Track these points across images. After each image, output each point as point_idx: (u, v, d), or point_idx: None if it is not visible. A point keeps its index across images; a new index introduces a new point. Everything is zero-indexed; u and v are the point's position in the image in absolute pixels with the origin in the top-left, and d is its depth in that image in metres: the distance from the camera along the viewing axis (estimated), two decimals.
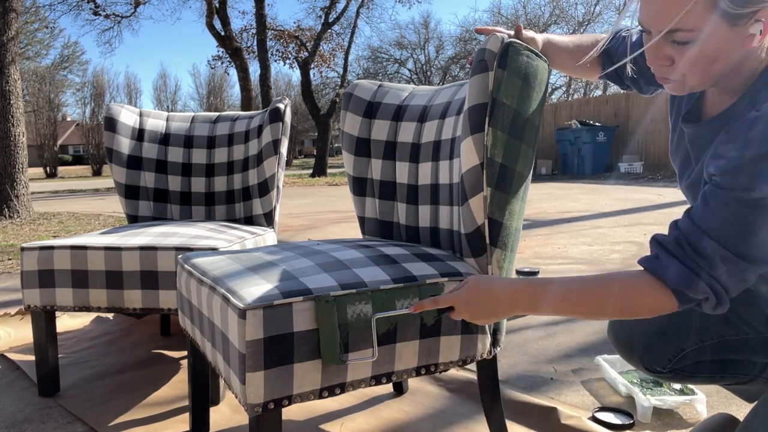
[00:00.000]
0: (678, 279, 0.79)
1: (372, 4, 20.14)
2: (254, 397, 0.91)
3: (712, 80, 0.85)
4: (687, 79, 0.84)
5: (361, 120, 1.52)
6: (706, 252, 0.78)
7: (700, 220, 0.79)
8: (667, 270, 0.80)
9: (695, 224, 0.79)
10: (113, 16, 15.56)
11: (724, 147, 0.79)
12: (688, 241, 0.79)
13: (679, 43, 0.81)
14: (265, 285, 0.97)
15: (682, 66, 0.83)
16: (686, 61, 0.82)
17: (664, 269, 0.81)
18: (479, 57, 1.06)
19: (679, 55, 0.82)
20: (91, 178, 21.60)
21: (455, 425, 1.42)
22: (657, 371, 1.09)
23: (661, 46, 0.83)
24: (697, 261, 0.78)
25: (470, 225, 1.10)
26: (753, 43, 0.79)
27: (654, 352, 1.08)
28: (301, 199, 8.20)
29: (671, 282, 0.80)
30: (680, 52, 0.81)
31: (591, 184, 9.66)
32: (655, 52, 0.84)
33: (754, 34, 0.78)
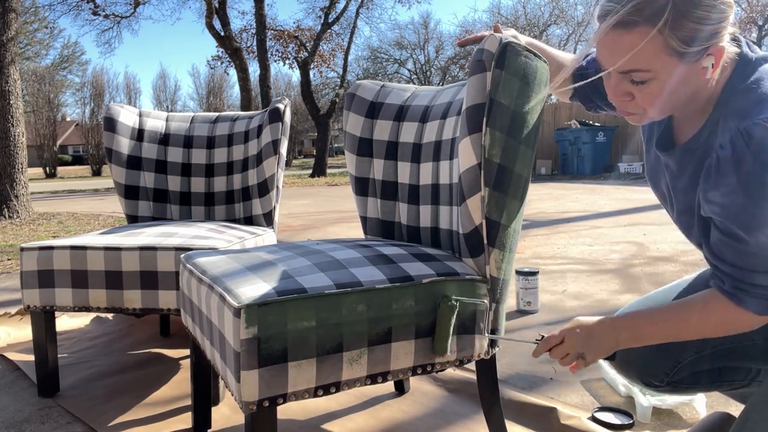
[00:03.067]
0: (760, 309, 0.87)
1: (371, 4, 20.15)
2: (249, 394, 0.91)
3: (670, 111, 0.90)
4: (647, 112, 0.89)
5: (363, 120, 1.52)
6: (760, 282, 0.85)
7: (742, 263, 0.86)
8: (748, 305, 0.87)
9: (740, 268, 0.86)
10: (113, 16, 15.57)
11: (712, 194, 0.85)
12: (746, 282, 0.86)
13: (637, 82, 0.85)
14: (261, 284, 0.98)
15: (641, 101, 0.87)
16: (645, 98, 0.86)
17: (745, 304, 0.88)
18: (477, 57, 1.06)
19: (637, 92, 0.86)
20: (90, 178, 21.59)
21: (455, 425, 1.42)
22: (655, 385, 1.10)
23: (620, 83, 0.87)
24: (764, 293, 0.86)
25: (468, 225, 1.11)
26: (706, 76, 0.84)
27: (651, 366, 1.08)
28: (301, 200, 8.20)
29: (758, 311, 0.87)
30: (639, 90, 0.86)
31: (591, 184, 9.66)
32: (614, 90, 0.88)
33: (707, 67, 0.83)
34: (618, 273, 3.03)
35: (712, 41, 0.80)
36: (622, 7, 0.80)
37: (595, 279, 2.91)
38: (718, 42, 0.81)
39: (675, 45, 0.80)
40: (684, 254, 3.46)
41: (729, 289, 0.89)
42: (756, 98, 0.81)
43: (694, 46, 0.80)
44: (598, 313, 2.33)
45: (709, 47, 0.81)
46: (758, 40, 20.28)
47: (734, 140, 0.80)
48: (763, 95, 0.81)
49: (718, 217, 0.85)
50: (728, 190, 0.81)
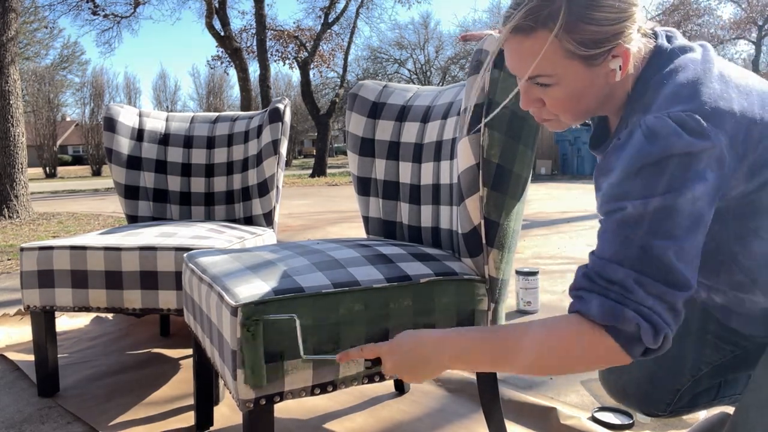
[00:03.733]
0: (602, 311, 0.72)
1: (371, 5, 20.16)
2: (246, 393, 0.92)
3: (584, 115, 0.86)
4: (561, 117, 0.87)
5: (365, 120, 1.52)
6: (616, 277, 0.73)
7: (599, 251, 0.76)
8: (589, 306, 0.74)
9: (597, 257, 0.76)
10: (112, 16, 15.57)
11: (598, 179, 0.80)
12: (596, 272, 0.75)
13: (544, 86, 0.82)
14: (259, 283, 0.98)
15: (551, 106, 0.84)
16: (554, 102, 0.84)
17: (586, 306, 0.74)
18: (476, 57, 1.07)
19: (546, 97, 0.84)
20: (90, 178, 21.60)
21: (454, 425, 1.42)
22: (658, 414, 1.08)
23: (529, 90, 0.85)
24: (612, 289, 0.73)
25: (467, 225, 1.11)
26: (616, 78, 0.80)
27: (650, 399, 1.06)
28: (301, 200, 8.20)
29: (597, 316, 0.73)
30: (546, 94, 0.83)
31: (590, 184, 9.66)
32: (525, 97, 0.86)
33: (615, 69, 0.79)
34: None
35: (614, 42, 0.77)
36: (518, 12, 0.78)
37: None
38: (623, 42, 0.77)
39: (573, 48, 0.77)
40: None
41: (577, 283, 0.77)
42: (666, 92, 0.77)
43: (596, 48, 0.77)
44: None
45: (612, 48, 0.77)
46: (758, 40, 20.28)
47: (632, 130, 0.75)
48: (672, 88, 0.76)
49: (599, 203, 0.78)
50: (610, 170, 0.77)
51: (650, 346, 0.73)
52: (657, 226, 0.71)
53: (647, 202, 0.72)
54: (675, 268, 0.71)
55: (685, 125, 0.72)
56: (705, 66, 0.78)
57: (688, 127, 0.71)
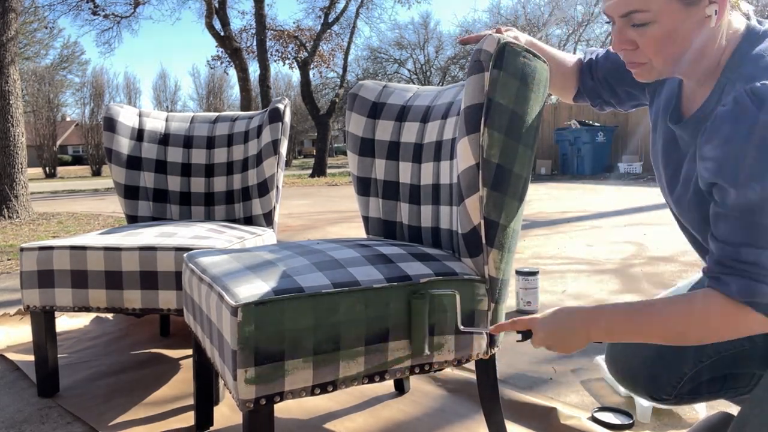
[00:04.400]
0: (742, 291, 0.80)
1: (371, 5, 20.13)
2: (246, 393, 0.92)
3: (676, 63, 0.88)
4: (653, 62, 0.88)
5: (365, 120, 1.53)
6: (751, 259, 0.79)
7: (727, 237, 0.81)
8: (729, 287, 0.81)
9: (725, 243, 0.81)
10: (112, 16, 15.56)
11: (705, 148, 0.81)
12: (730, 258, 0.81)
13: (638, 25, 0.84)
14: (259, 283, 0.98)
15: (644, 48, 0.86)
16: (648, 43, 0.85)
17: (726, 286, 0.81)
18: (475, 57, 1.07)
19: (640, 38, 0.85)
20: (90, 178, 21.59)
21: (454, 425, 1.42)
22: (662, 399, 1.09)
23: (623, 30, 0.87)
24: (748, 270, 0.80)
25: (467, 225, 1.11)
26: (710, 24, 0.82)
27: (657, 380, 1.07)
28: (301, 200, 8.20)
29: (738, 295, 0.80)
30: (641, 34, 0.85)
31: (590, 184, 9.66)
32: (619, 37, 0.88)
33: (710, 15, 0.82)
34: (618, 273, 3.03)
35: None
36: None
37: (594, 279, 2.91)
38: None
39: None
40: (684, 254, 3.46)
41: (712, 270, 0.84)
42: (764, 65, 0.81)
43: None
44: None
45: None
46: None
47: (738, 97, 0.78)
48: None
49: (709, 175, 0.82)
50: (721, 141, 0.79)
51: None
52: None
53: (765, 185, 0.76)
54: None
55: None
56: None
57: None
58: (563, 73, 1.23)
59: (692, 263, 3.22)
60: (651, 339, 0.88)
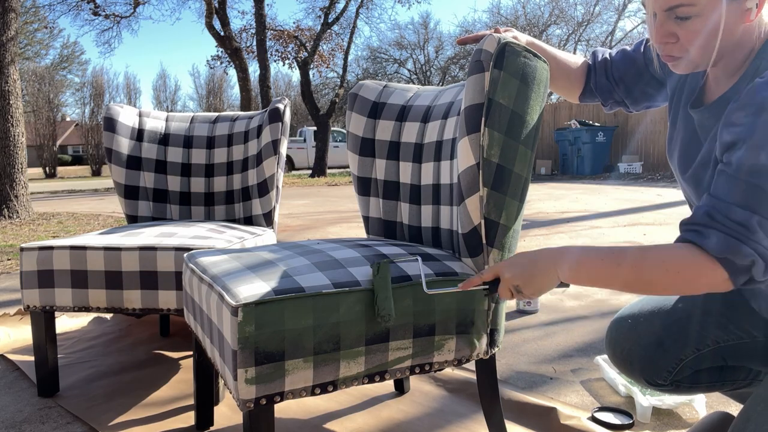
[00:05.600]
0: (720, 246, 0.80)
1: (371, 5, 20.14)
2: (246, 393, 0.92)
3: (713, 55, 0.89)
4: (691, 55, 0.89)
5: (365, 120, 1.53)
6: (739, 219, 0.79)
7: (724, 193, 0.81)
8: (708, 240, 0.81)
9: (720, 199, 0.81)
10: (112, 17, 15.56)
11: (736, 114, 0.82)
12: (720, 212, 0.81)
13: (681, 19, 0.85)
14: (259, 283, 0.98)
15: (685, 41, 0.87)
16: (690, 36, 0.86)
17: (704, 239, 0.81)
18: (476, 57, 1.06)
19: (682, 31, 0.87)
20: (90, 178, 21.59)
21: (454, 425, 1.42)
22: (658, 384, 1.09)
23: (666, 23, 0.88)
24: (734, 228, 0.80)
25: (467, 225, 1.11)
26: (750, 17, 0.84)
27: (654, 364, 1.08)
28: (301, 200, 8.20)
29: (714, 249, 0.80)
30: (683, 27, 0.86)
31: (590, 184, 9.66)
32: (659, 30, 0.89)
33: (751, 9, 0.83)
34: None
35: None
36: None
37: None
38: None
39: None
40: None
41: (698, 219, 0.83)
42: None
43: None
44: (597, 313, 2.33)
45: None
46: None
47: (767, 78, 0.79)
48: None
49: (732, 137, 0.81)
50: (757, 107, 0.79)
51: (758, 279, 0.82)
52: None
53: None
54: None
55: None
56: None
57: None
58: (566, 73, 1.23)
59: None
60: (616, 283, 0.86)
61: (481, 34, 1.17)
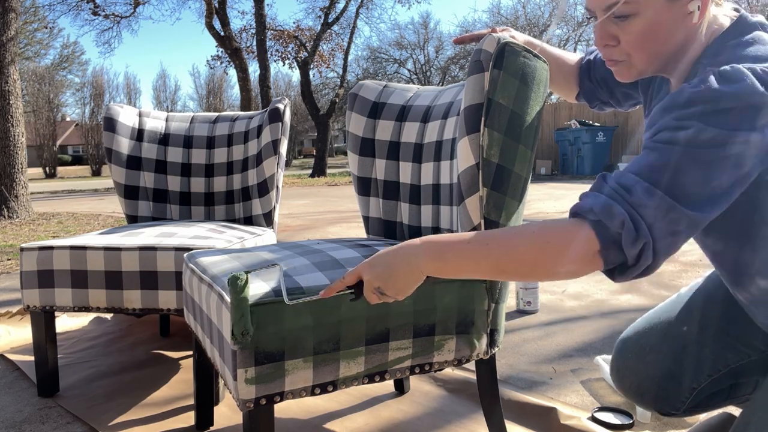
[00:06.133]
0: (593, 203, 0.74)
1: (371, 5, 20.15)
2: (246, 393, 0.92)
3: (657, 59, 0.86)
4: (633, 60, 0.86)
5: (365, 120, 1.53)
6: (625, 182, 0.74)
7: (631, 165, 0.77)
8: (584, 201, 0.77)
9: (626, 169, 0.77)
10: (112, 17, 15.56)
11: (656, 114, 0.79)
12: (612, 177, 0.77)
13: (620, 17, 0.82)
14: (259, 283, 0.98)
15: (625, 43, 0.84)
16: (629, 37, 0.83)
17: (581, 202, 0.77)
18: (475, 57, 1.07)
19: (622, 33, 0.84)
20: (90, 178, 21.59)
21: (454, 425, 1.42)
22: (670, 413, 1.08)
23: (605, 25, 0.85)
24: (615, 189, 0.74)
25: (467, 225, 1.11)
26: (693, 20, 0.81)
27: (668, 397, 1.06)
28: (301, 200, 8.20)
29: (585, 207, 0.75)
30: (623, 29, 0.83)
31: (590, 184, 9.64)
32: (600, 32, 0.86)
33: (693, 11, 0.80)
34: None
35: None
36: None
37: (594, 279, 2.91)
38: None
39: None
40: (683, 254, 3.46)
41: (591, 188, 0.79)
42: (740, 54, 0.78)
43: None
44: (597, 313, 2.33)
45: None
46: None
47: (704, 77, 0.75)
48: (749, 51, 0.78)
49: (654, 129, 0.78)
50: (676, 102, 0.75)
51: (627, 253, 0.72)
52: (699, 154, 0.72)
53: (701, 130, 0.72)
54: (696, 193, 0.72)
55: (759, 76, 0.72)
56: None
57: (762, 78, 0.72)
58: (564, 73, 1.23)
59: (692, 263, 3.22)
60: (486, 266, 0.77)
61: (479, 33, 1.17)
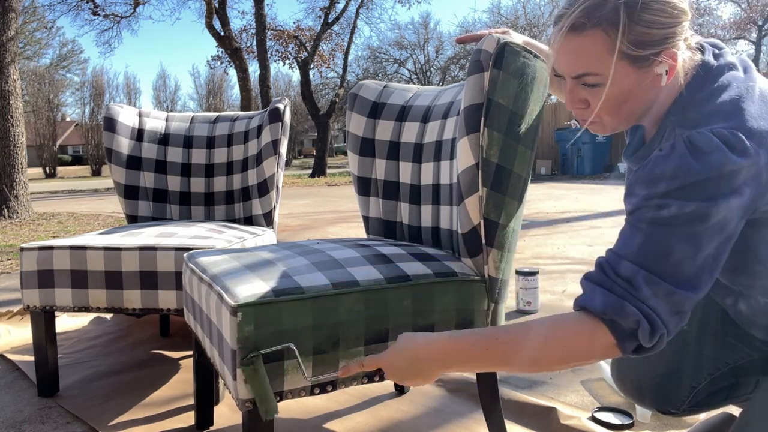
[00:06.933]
0: (604, 305, 0.76)
1: (371, 5, 20.16)
2: (245, 392, 0.92)
3: (628, 119, 0.87)
4: (604, 120, 0.88)
5: (365, 120, 1.53)
6: (626, 274, 0.76)
7: (617, 247, 0.79)
8: (593, 300, 0.77)
9: (614, 252, 0.79)
10: (112, 16, 15.56)
11: (634, 186, 0.80)
12: (610, 266, 0.78)
13: (590, 86, 0.84)
14: (258, 283, 0.98)
15: (596, 107, 0.85)
16: (599, 103, 0.84)
17: (590, 300, 0.78)
18: (475, 57, 1.07)
19: (592, 98, 0.85)
20: (90, 178, 21.60)
21: (454, 425, 1.42)
22: (671, 412, 1.08)
23: (575, 90, 0.86)
24: (620, 284, 0.76)
25: (466, 225, 1.11)
26: (661, 83, 0.82)
27: (667, 396, 1.06)
28: (300, 200, 8.20)
29: (598, 309, 0.76)
30: (593, 94, 0.85)
31: (590, 184, 9.66)
32: (570, 97, 0.87)
33: (661, 74, 0.81)
34: None
35: (663, 46, 0.79)
36: (573, 11, 0.80)
37: None
38: (671, 48, 0.79)
39: (624, 48, 0.78)
40: None
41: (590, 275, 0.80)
42: (708, 110, 0.79)
43: (645, 50, 0.79)
44: None
45: (661, 52, 0.79)
46: (758, 40, 20.28)
47: (675, 145, 0.77)
48: (716, 106, 0.78)
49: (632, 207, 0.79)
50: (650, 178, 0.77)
51: (644, 345, 0.76)
52: (685, 230, 0.74)
53: (683, 206, 0.74)
54: (691, 272, 0.74)
55: (728, 142, 0.74)
56: (747, 84, 0.80)
57: (731, 144, 0.74)
58: None
59: None
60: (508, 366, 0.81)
61: (480, 33, 1.17)
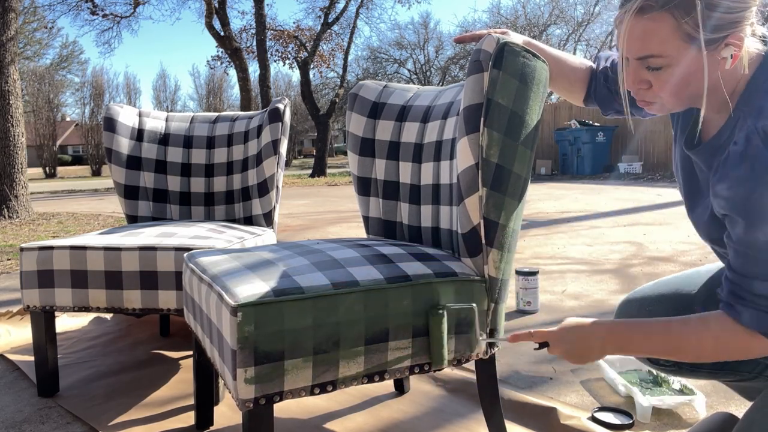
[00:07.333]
0: (753, 321, 0.83)
1: (371, 5, 20.16)
2: (245, 392, 0.92)
3: (688, 101, 0.89)
4: (664, 101, 0.89)
5: (365, 120, 1.53)
6: (761, 292, 0.82)
7: (740, 268, 0.84)
8: (741, 316, 0.84)
9: (738, 273, 0.84)
10: (112, 16, 15.56)
11: (718, 187, 0.83)
12: (743, 289, 0.84)
13: (654, 69, 0.85)
14: (258, 283, 0.98)
15: (658, 89, 0.87)
16: (662, 85, 0.86)
17: (738, 315, 0.85)
18: (475, 57, 1.07)
19: (655, 79, 0.86)
20: (90, 178, 21.59)
21: (454, 425, 1.42)
22: (661, 363, 1.09)
23: (637, 71, 0.87)
24: (759, 302, 0.83)
25: (466, 225, 1.11)
26: (726, 66, 0.83)
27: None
28: (300, 200, 8.20)
29: (750, 325, 0.84)
30: (656, 77, 0.86)
31: (590, 184, 9.66)
32: (632, 77, 0.88)
33: (726, 58, 0.82)
34: (617, 273, 3.03)
35: (730, 30, 0.80)
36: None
37: (594, 279, 2.91)
38: (738, 32, 0.80)
39: (691, 31, 0.80)
40: (683, 254, 3.46)
41: (725, 298, 0.87)
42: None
43: (712, 33, 0.79)
44: (596, 312, 2.33)
45: (728, 36, 0.80)
46: None
47: (749, 136, 0.79)
48: None
49: (723, 210, 0.84)
50: (734, 182, 0.80)
51: None
52: None
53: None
54: None
55: None
56: None
57: None
58: (567, 77, 1.22)
59: (692, 263, 3.22)
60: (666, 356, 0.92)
61: (480, 33, 1.17)
